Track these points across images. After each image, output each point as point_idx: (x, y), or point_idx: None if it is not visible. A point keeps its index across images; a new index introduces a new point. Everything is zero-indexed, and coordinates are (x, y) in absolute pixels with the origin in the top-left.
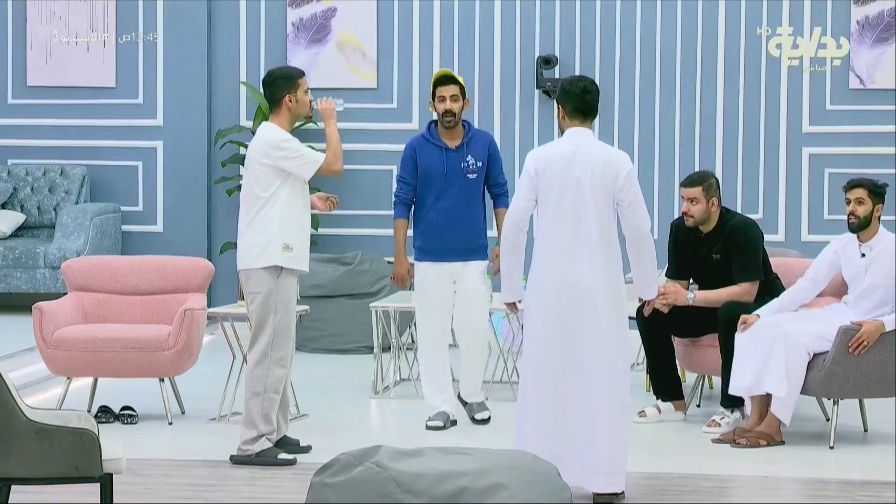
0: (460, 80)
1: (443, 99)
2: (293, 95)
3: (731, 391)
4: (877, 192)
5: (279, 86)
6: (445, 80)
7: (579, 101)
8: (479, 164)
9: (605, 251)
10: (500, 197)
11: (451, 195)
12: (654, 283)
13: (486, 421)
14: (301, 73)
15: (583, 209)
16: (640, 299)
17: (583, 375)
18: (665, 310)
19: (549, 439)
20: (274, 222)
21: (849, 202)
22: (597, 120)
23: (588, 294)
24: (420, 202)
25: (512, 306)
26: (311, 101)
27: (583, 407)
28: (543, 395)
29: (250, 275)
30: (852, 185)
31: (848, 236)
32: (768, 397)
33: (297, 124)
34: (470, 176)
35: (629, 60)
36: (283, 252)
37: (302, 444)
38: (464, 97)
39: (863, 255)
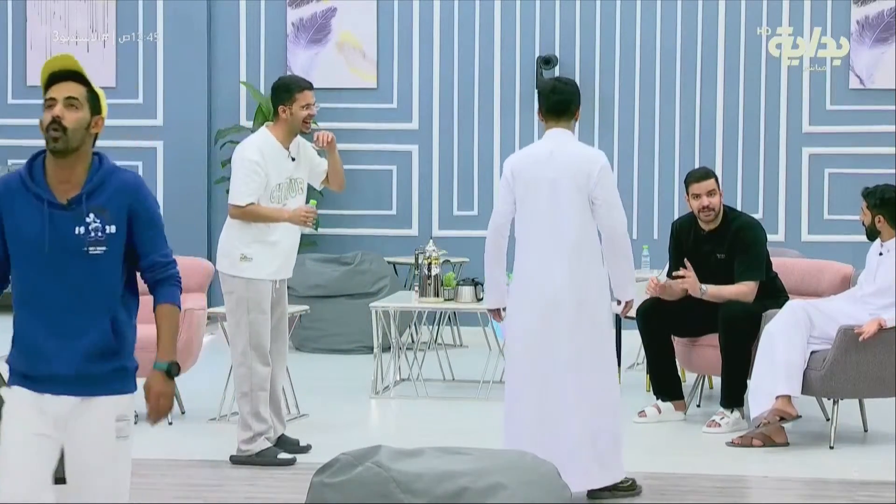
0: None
1: (52, 103)
2: (288, 108)
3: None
4: (872, 203)
5: (276, 96)
6: (61, 75)
7: (547, 101)
8: (113, 228)
9: (581, 251)
10: (164, 284)
11: (58, 283)
12: (630, 285)
13: None
14: (302, 87)
15: (558, 210)
16: (618, 301)
17: (555, 377)
18: (673, 293)
19: (532, 440)
20: (234, 231)
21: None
22: (596, 120)
23: (558, 294)
24: (12, 289)
25: (496, 314)
26: (308, 117)
27: (557, 407)
28: (523, 397)
29: (222, 277)
30: (861, 194)
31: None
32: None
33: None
34: (93, 250)
35: (629, 60)
36: (240, 263)
37: (302, 444)
38: (97, 111)
39: (880, 254)
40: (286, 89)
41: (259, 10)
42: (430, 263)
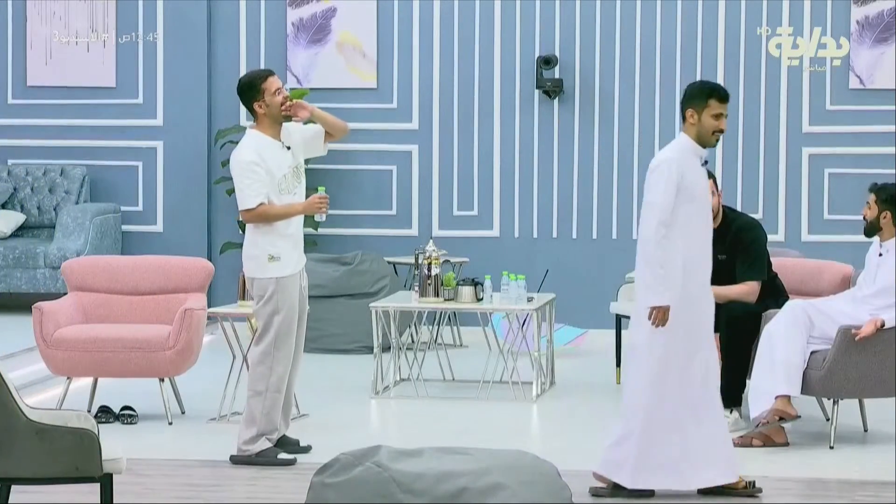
0: None
1: None
2: (261, 101)
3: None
4: (882, 198)
5: (245, 96)
6: None
7: None
8: None
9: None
10: None
11: None
12: (647, 291)
13: None
14: (265, 76)
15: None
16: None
17: None
18: None
19: None
20: (258, 235)
21: (867, 204)
22: (596, 119)
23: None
24: None
25: None
26: (283, 100)
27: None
28: None
29: (252, 281)
30: (869, 188)
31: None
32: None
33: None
34: None
35: (629, 60)
36: (269, 264)
37: (302, 444)
38: None
39: (880, 254)
40: (251, 86)
41: (259, 10)
42: (430, 263)
